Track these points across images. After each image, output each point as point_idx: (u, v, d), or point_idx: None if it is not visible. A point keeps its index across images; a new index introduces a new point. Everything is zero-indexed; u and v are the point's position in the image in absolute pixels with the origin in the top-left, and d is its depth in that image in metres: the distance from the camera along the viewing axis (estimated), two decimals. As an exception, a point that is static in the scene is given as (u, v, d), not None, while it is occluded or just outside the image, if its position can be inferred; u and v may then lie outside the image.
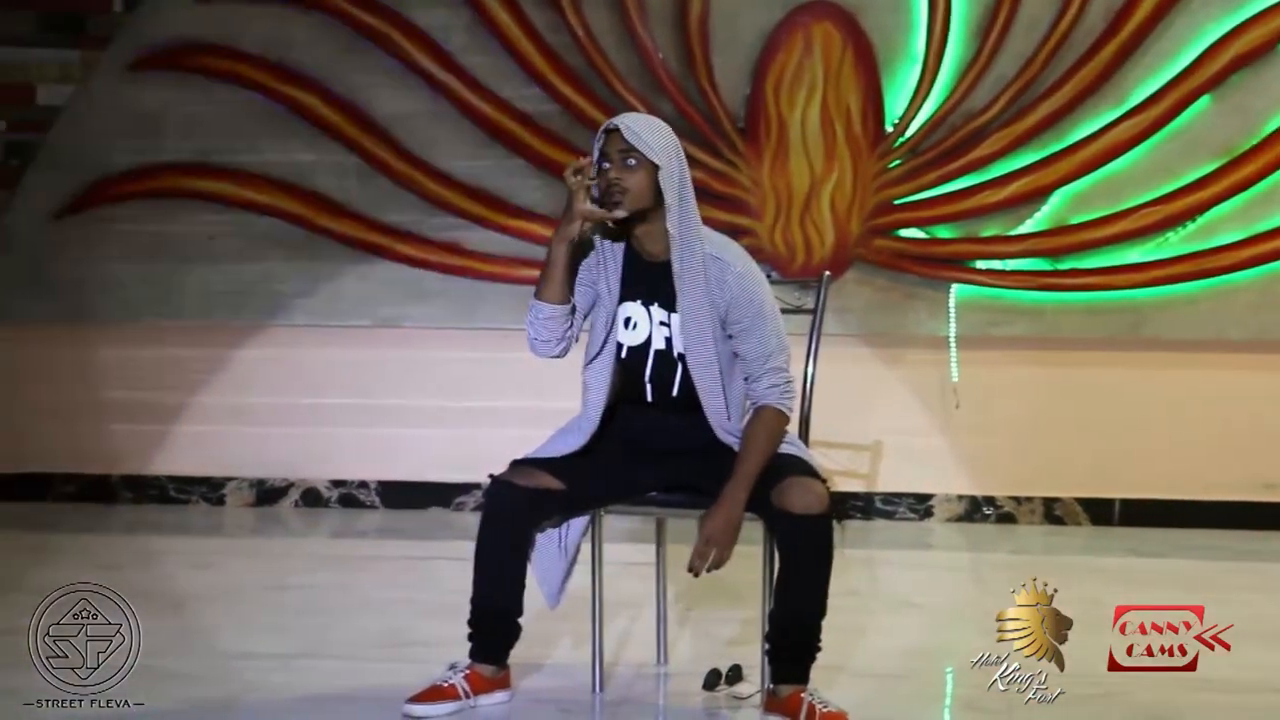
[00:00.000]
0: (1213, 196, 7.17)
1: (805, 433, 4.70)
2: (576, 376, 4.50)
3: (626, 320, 4.42)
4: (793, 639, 4.26)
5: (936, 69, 7.20)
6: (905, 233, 7.29)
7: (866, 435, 7.41)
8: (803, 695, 4.24)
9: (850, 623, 5.29)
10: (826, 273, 4.95)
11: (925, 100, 7.22)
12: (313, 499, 7.59)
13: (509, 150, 7.32)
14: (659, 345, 4.40)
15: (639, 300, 4.40)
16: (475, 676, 4.42)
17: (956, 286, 7.29)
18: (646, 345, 4.40)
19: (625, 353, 4.43)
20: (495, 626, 4.43)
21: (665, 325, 4.38)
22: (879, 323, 7.35)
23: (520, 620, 4.44)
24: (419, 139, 7.40)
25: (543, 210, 7.26)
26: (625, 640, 5.14)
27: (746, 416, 4.37)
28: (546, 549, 4.50)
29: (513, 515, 4.38)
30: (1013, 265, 7.27)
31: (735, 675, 4.60)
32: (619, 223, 4.32)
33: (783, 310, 4.82)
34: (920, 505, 7.43)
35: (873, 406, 7.39)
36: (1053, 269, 7.25)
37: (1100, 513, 7.40)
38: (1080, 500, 7.41)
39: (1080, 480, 7.42)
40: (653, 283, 4.36)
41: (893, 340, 7.40)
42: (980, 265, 7.27)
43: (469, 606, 4.43)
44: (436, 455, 7.50)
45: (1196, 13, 7.18)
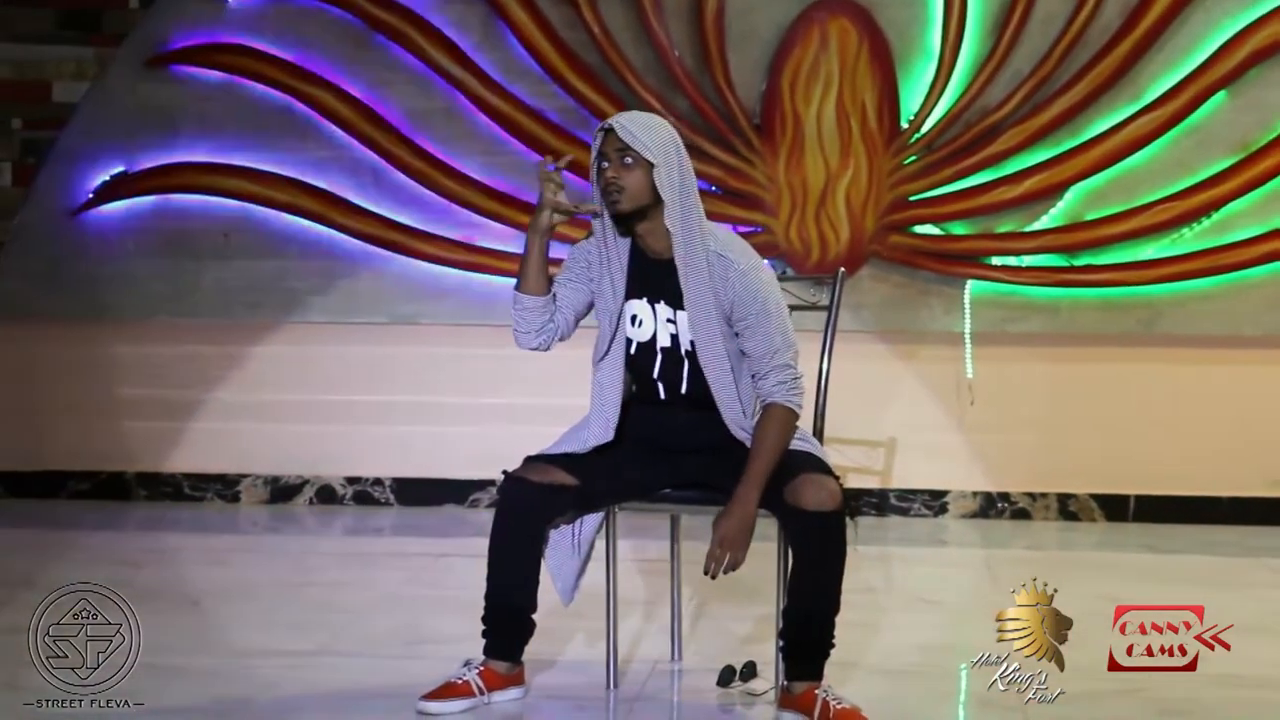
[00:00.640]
0: (1228, 192, 7.16)
1: (820, 429, 4.70)
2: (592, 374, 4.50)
3: (633, 318, 4.43)
4: (807, 636, 4.26)
5: (952, 65, 7.19)
6: (920, 229, 7.29)
7: (881, 431, 7.40)
8: (817, 692, 4.24)
9: (865, 619, 5.29)
10: (841, 269, 4.95)
11: (941, 96, 7.21)
12: (328, 496, 7.60)
13: (524, 147, 7.32)
14: (664, 343, 4.40)
15: (644, 298, 4.40)
16: (489, 673, 4.42)
17: (971, 283, 7.29)
18: (653, 343, 4.41)
19: (634, 350, 4.43)
20: (509, 623, 4.43)
21: (671, 322, 4.38)
22: (894, 319, 7.35)
23: (534, 617, 4.45)
24: (435, 136, 7.40)
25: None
26: (640, 637, 5.14)
27: (756, 415, 4.37)
28: (560, 545, 4.50)
29: (526, 511, 4.38)
30: (1028, 261, 7.26)
31: (750, 672, 4.60)
32: (621, 219, 4.31)
33: (797, 307, 4.83)
34: (935, 501, 7.43)
35: (887, 403, 7.39)
36: (1068, 265, 7.24)
37: (1115, 509, 7.39)
38: (1095, 496, 7.40)
39: (1095, 476, 7.42)
40: (658, 280, 4.36)
41: (908, 336, 7.40)
42: (995, 261, 7.27)
43: (483, 603, 4.44)
44: (452, 452, 7.51)
45: (1212, 8, 7.16)
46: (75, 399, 7.61)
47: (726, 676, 4.59)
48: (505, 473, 4.43)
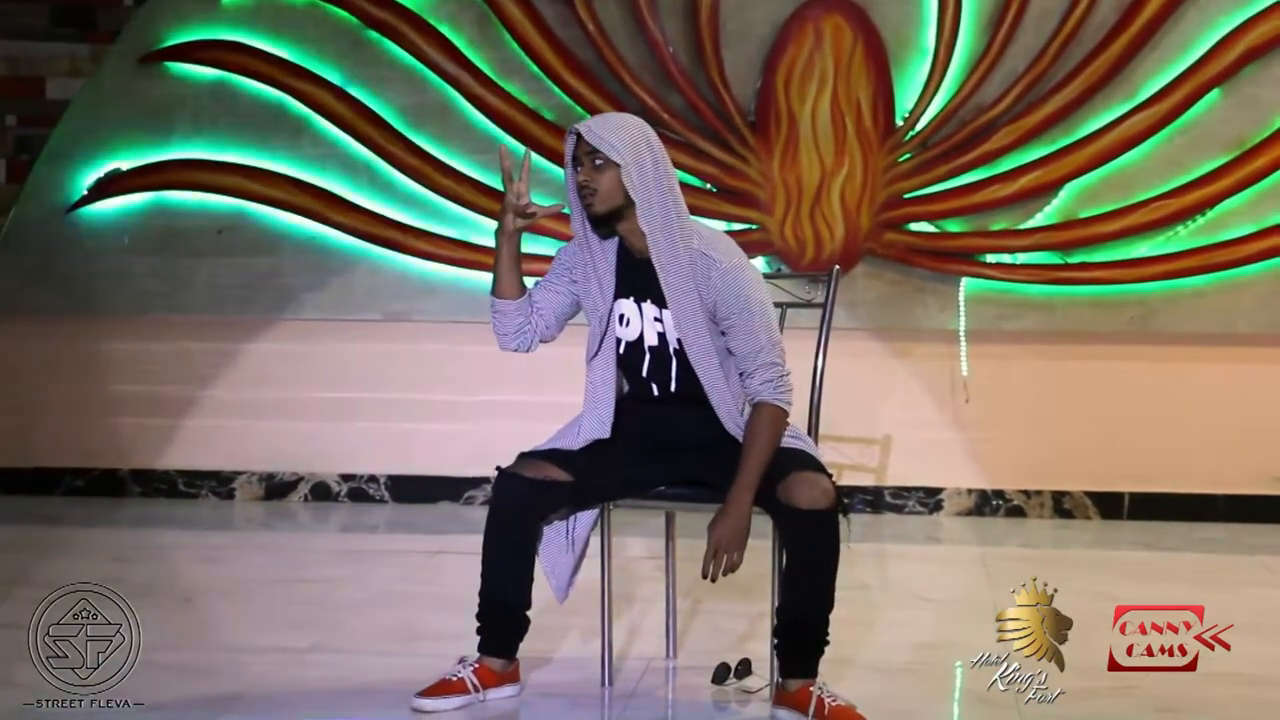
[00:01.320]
0: (1223, 190, 7.17)
1: (815, 426, 4.70)
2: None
3: (620, 317, 4.42)
4: (801, 633, 4.26)
5: (947, 63, 7.19)
6: (915, 227, 7.29)
7: (876, 429, 7.41)
8: (811, 689, 4.23)
9: (859, 616, 5.30)
10: (836, 267, 4.94)
11: (935, 94, 7.21)
12: (322, 493, 7.60)
13: (518, 145, 7.31)
14: (652, 341, 4.39)
15: (631, 297, 4.40)
16: (484, 670, 4.42)
17: (966, 280, 7.29)
18: (640, 342, 4.40)
19: (623, 349, 4.43)
20: (504, 620, 4.43)
21: (658, 321, 4.37)
22: (889, 316, 7.35)
23: (529, 614, 4.45)
24: (429, 133, 7.40)
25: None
26: (634, 634, 5.14)
27: (746, 413, 4.36)
28: (554, 542, 4.49)
29: (520, 507, 4.37)
30: (1022, 259, 7.26)
31: (744, 669, 4.59)
32: (598, 221, 4.31)
33: (792, 304, 4.83)
34: (930, 499, 7.43)
35: (882, 400, 7.40)
36: (1062, 263, 7.25)
37: (1109, 506, 7.39)
38: (1089, 494, 7.41)
39: (1089, 474, 7.42)
40: (643, 279, 4.35)
41: (902, 334, 7.40)
42: (990, 259, 7.27)
43: (478, 600, 4.43)
44: (446, 449, 7.51)
45: (1207, 6, 7.17)
46: (69, 395, 7.61)
47: (721, 674, 4.58)
48: (499, 468, 4.42)
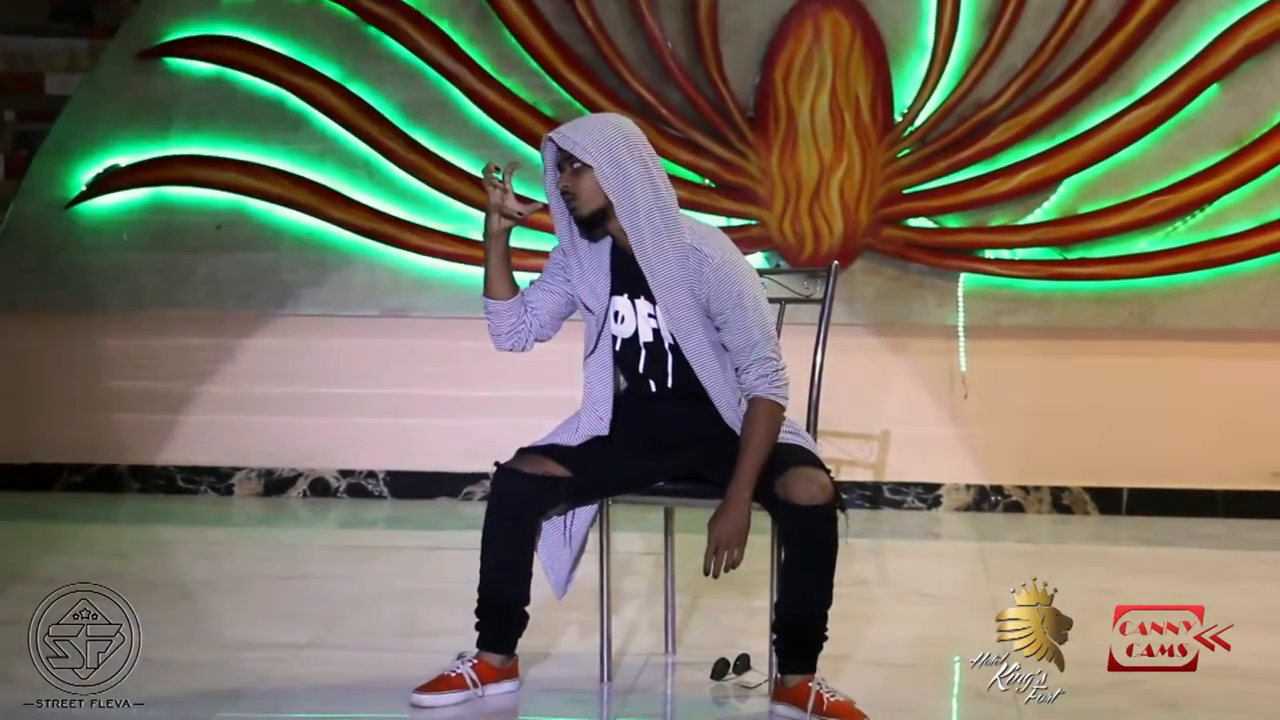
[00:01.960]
0: (1221, 186, 7.17)
1: (813, 422, 4.69)
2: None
3: (616, 314, 4.43)
4: (799, 629, 4.26)
5: (945, 58, 7.19)
6: (914, 222, 7.29)
7: (874, 425, 7.41)
8: (810, 684, 4.23)
9: (858, 612, 5.30)
10: (835, 262, 4.94)
11: (934, 89, 7.21)
12: (321, 489, 7.60)
13: (517, 140, 7.31)
14: (647, 338, 4.39)
15: (625, 294, 4.40)
16: (483, 666, 4.41)
17: (965, 276, 7.29)
18: (635, 338, 4.40)
19: (619, 345, 4.44)
20: (503, 616, 4.42)
21: (653, 317, 4.37)
22: (887, 312, 7.35)
23: (528, 609, 4.44)
24: (428, 129, 7.40)
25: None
26: (633, 630, 5.14)
27: (743, 409, 4.36)
28: (552, 537, 4.49)
29: (519, 503, 4.37)
30: (1021, 255, 7.26)
31: (743, 664, 4.59)
32: (586, 223, 4.31)
33: (790, 300, 4.82)
34: (928, 495, 7.43)
35: (881, 396, 7.40)
36: (1061, 258, 7.25)
37: (1108, 502, 7.39)
38: (1088, 489, 7.41)
39: (1088, 469, 7.42)
40: (635, 276, 4.35)
41: (901, 330, 7.40)
42: (989, 254, 7.27)
43: (476, 596, 4.43)
44: (445, 445, 7.51)
45: (1206, 2, 7.17)
46: (68, 391, 7.60)
47: (720, 669, 4.58)
48: (498, 464, 4.42)
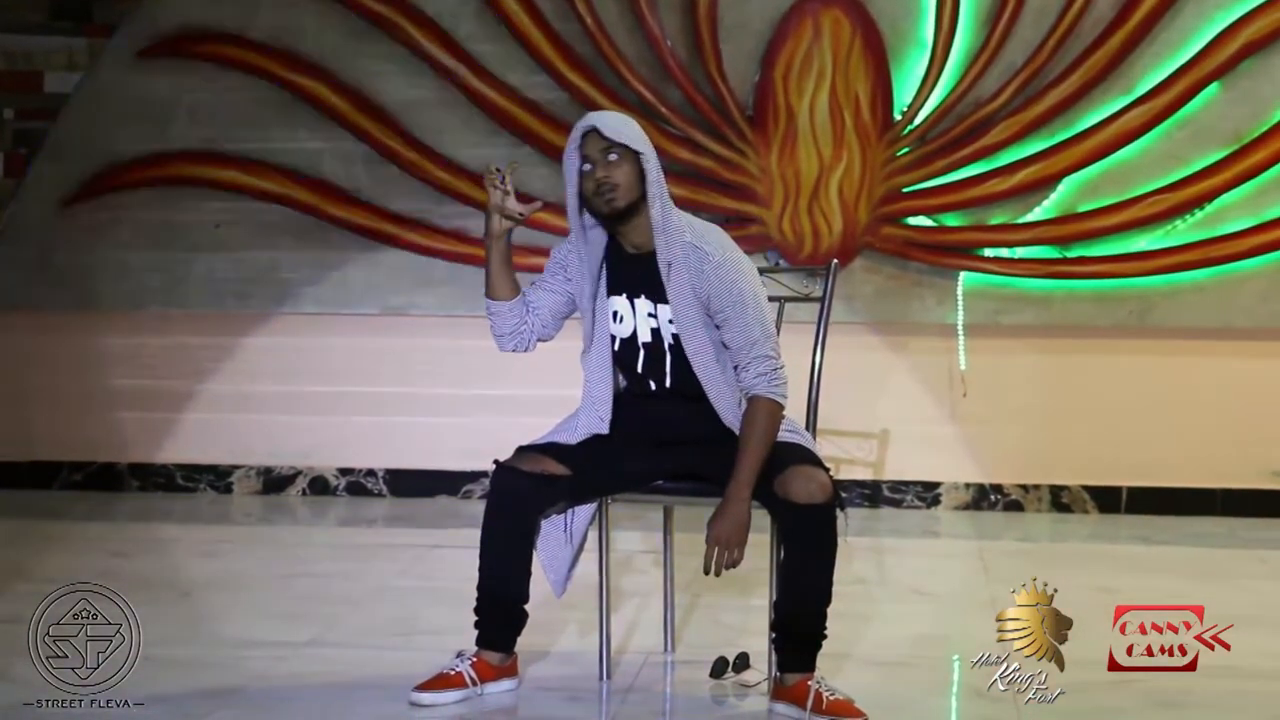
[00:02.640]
0: (1221, 184, 7.16)
1: (813, 420, 4.69)
2: (585, 365, 4.51)
3: (614, 314, 4.43)
4: (798, 627, 4.26)
5: (945, 57, 7.19)
6: (913, 221, 7.29)
7: (874, 423, 7.41)
8: (809, 683, 4.24)
9: (857, 610, 5.30)
10: (834, 261, 4.94)
11: (934, 88, 7.21)
12: (320, 487, 7.60)
13: (517, 138, 7.31)
14: (645, 338, 4.39)
15: (624, 294, 4.40)
16: (482, 664, 4.42)
17: (964, 274, 7.29)
18: (634, 338, 4.40)
19: (617, 345, 4.44)
20: (502, 614, 4.42)
21: (652, 316, 4.37)
22: (887, 311, 7.35)
23: (527, 608, 4.44)
24: (427, 126, 7.40)
25: (550, 198, 7.24)
26: (633, 628, 5.14)
27: (742, 408, 4.36)
28: (551, 536, 4.49)
29: (518, 501, 4.37)
30: (1021, 253, 7.26)
31: (742, 663, 4.59)
32: (619, 216, 4.31)
33: (790, 298, 4.83)
34: (927, 493, 7.43)
35: (880, 394, 7.40)
36: (1060, 257, 7.25)
37: (1107, 500, 7.39)
38: (1087, 488, 7.41)
39: (1087, 468, 7.42)
40: (637, 275, 4.35)
41: (900, 328, 7.40)
42: (988, 253, 7.27)
43: (475, 594, 4.43)
44: (444, 443, 7.51)
45: (1204, 1, 7.16)
46: (67, 390, 7.60)
47: (719, 668, 4.58)
48: (497, 462, 4.42)
